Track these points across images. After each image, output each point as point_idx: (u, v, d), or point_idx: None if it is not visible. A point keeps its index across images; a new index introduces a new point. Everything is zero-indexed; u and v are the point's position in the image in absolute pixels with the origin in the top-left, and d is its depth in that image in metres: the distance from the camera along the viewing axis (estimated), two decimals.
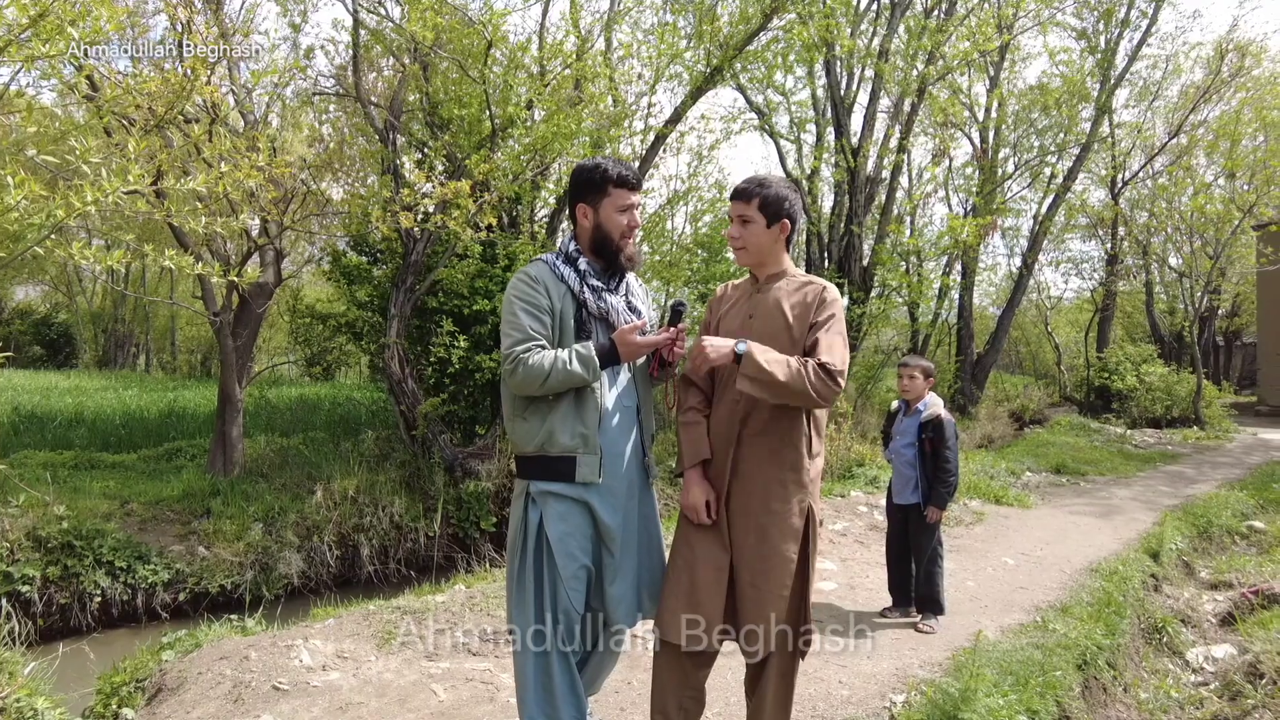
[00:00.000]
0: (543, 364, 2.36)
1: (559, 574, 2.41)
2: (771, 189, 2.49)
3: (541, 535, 2.44)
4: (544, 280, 2.48)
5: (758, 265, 2.59)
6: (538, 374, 2.36)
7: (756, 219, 2.50)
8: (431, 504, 7.81)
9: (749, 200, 2.49)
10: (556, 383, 2.37)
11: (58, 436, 9.98)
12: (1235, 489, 8.78)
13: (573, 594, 2.42)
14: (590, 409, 2.45)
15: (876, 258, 12.32)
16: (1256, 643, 4.19)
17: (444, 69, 8.82)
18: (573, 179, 2.57)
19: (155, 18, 9.16)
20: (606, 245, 2.53)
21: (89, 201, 2.76)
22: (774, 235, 2.52)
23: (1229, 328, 26.38)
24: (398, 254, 8.71)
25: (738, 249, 2.57)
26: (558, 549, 2.42)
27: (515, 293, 2.47)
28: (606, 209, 2.51)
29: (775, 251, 2.55)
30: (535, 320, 2.43)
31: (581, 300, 2.49)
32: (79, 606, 5.98)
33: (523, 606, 2.46)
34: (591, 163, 2.54)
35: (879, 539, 6.19)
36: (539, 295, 2.46)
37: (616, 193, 2.50)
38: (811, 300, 2.49)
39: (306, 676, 3.56)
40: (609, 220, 2.51)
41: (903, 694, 3.46)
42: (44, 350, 24.04)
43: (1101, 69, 15.12)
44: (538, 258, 2.60)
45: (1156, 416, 15.71)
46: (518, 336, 2.41)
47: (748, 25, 8.88)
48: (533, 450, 2.45)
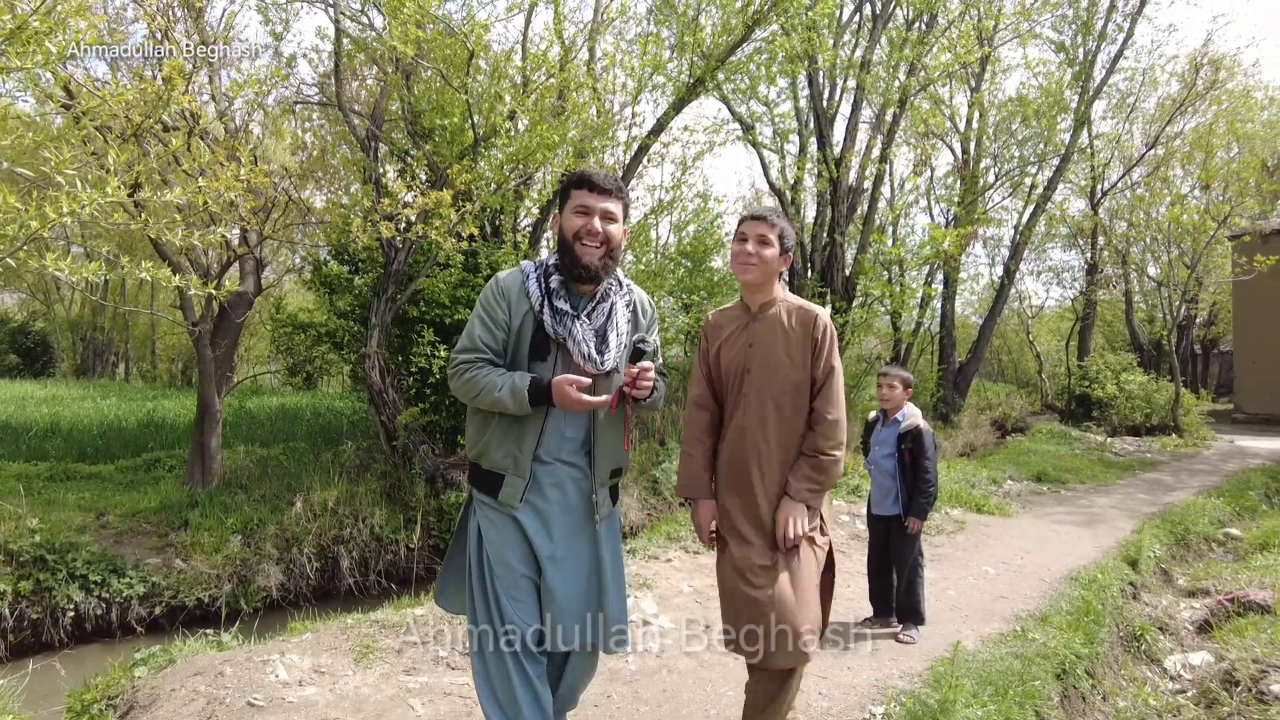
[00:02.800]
0: (475, 382, 2.37)
1: (498, 582, 2.40)
2: (788, 224, 2.73)
3: (480, 540, 2.45)
4: (510, 293, 2.44)
5: (758, 288, 2.73)
6: (469, 389, 2.38)
7: (774, 244, 2.68)
8: (412, 515, 7.75)
9: (772, 226, 2.67)
10: (485, 404, 2.37)
11: (33, 447, 9.82)
12: (1212, 496, 8.87)
13: (514, 604, 2.37)
14: (529, 433, 2.40)
15: (859, 267, 12.39)
16: (1233, 650, 4.23)
17: (427, 78, 8.80)
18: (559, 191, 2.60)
19: (134, 25, 9.07)
20: (568, 251, 2.44)
21: (65, 213, 2.73)
22: (781, 263, 2.72)
23: (1206, 336, 26.72)
24: (379, 263, 8.67)
25: (749, 265, 2.67)
26: (494, 558, 2.42)
27: (481, 298, 2.48)
28: (566, 212, 2.46)
29: (775, 279, 2.75)
30: (488, 332, 2.42)
31: (539, 321, 2.41)
32: (51, 621, 5.87)
33: (474, 608, 2.45)
34: (571, 172, 2.54)
35: (860, 548, 6.20)
36: (498, 308, 2.43)
37: (576, 193, 2.46)
38: (807, 330, 2.67)
39: (282, 692, 3.51)
40: (567, 223, 2.45)
41: (882, 705, 3.46)
42: (20, 359, 23.67)
43: (1079, 81, 15.32)
44: (518, 267, 2.54)
45: (1136, 424, 15.87)
46: (465, 344, 2.43)
47: (730, 36, 8.92)
48: (471, 457, 2.49)
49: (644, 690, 3.64)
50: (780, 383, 2.66)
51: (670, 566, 5.51)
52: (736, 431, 2.70)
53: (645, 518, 8.60)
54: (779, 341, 2.67)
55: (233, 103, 7.73)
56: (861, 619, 4.67)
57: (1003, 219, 18.44)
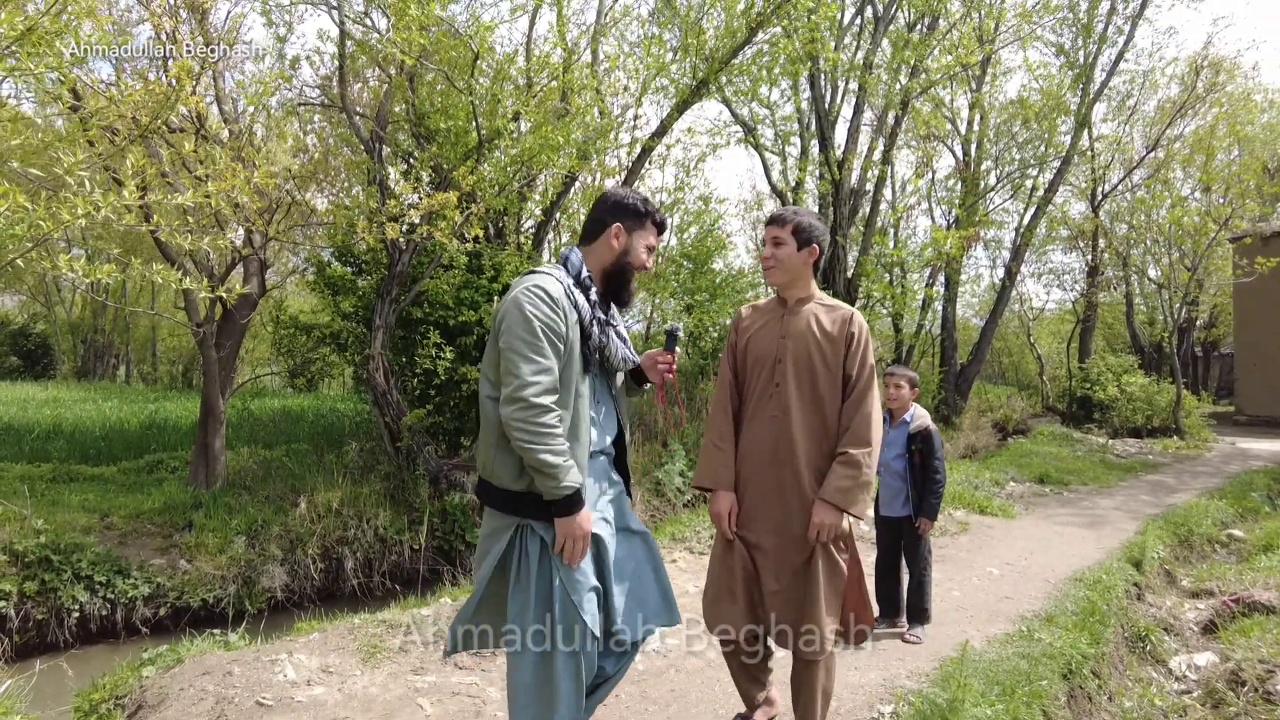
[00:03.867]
0: (554, 436, 2.20)
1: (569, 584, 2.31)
2: (803, 217, 2.76)
3: (548, 560, 2.32)
4: (563, 304, 2.31)
5: (787, 286, 2.81)
6: (541, 438, 2.19)
7: (789, 241, 2.74)
8: (416, 516, 7.75)
9: (783, 225, 2.75)
10: (533, 458, 2.20)
11: (35, 448, 9.82)
12: (1215, 498, 8.87)
13: (592, 621, 2.32)
14: (582, 446, 2.35)
15: (861, 269, 12.40)
16: (1238, 650, 4.23)
17: (430, 80, 8.82)
18: (613, 197, 2.50)
19: (139, 27, 9.10)
20: (623, 276, 2.48)
21: (80, 215, 2.73)
22: (804, 258, 2.76)
23: (1207, 338, 26.74)
24: (383, 265, 8.68)
25: (770, 268, 2.79)
26: (571, 586, 2.31)
27: (537, 312, 2.24)
28: (637, 241, 2.49)
29: (804, 274, 2.79)
30: (555, 354, 2.26)
31: (588, 334, 2.37)
32: (56, 622, 5.88)
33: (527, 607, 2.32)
34: (636, 193, 2.54)
35: (866, 549, 6.20)
36: (560, 322, 2.28)
37: (651, 229, 2.53)
38: (841, 328, 2.72)
39: (291, 692, 3.52)
40: (637, 253, 2.49)
41: (890, 704, 3.46)
42: (21, 361, 23.68)
43: (1080, 83, 15.35)
44: (548, 272, 2.39)
45: (1137, 426, 15.87)
46: (549, 382, 2.23)
47: (733, 39, 8.94)
48: (520, 488, 2.30)
49: (652, 690, 3.65)
50: (812, 375, 2.71)
51: (675, 567, 5.51)
52: (767, 422, 2.73)
53: (649, 519, 8.60)
54: (813, 336, 2.72)
55: (238, 105, 7.76)
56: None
57: (1004, 221, 18.48)
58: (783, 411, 2.70)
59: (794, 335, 2.74)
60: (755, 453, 2.75)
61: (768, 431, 2.73)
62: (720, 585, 2.83)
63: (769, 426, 2.73)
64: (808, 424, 2.69)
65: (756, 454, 2.75)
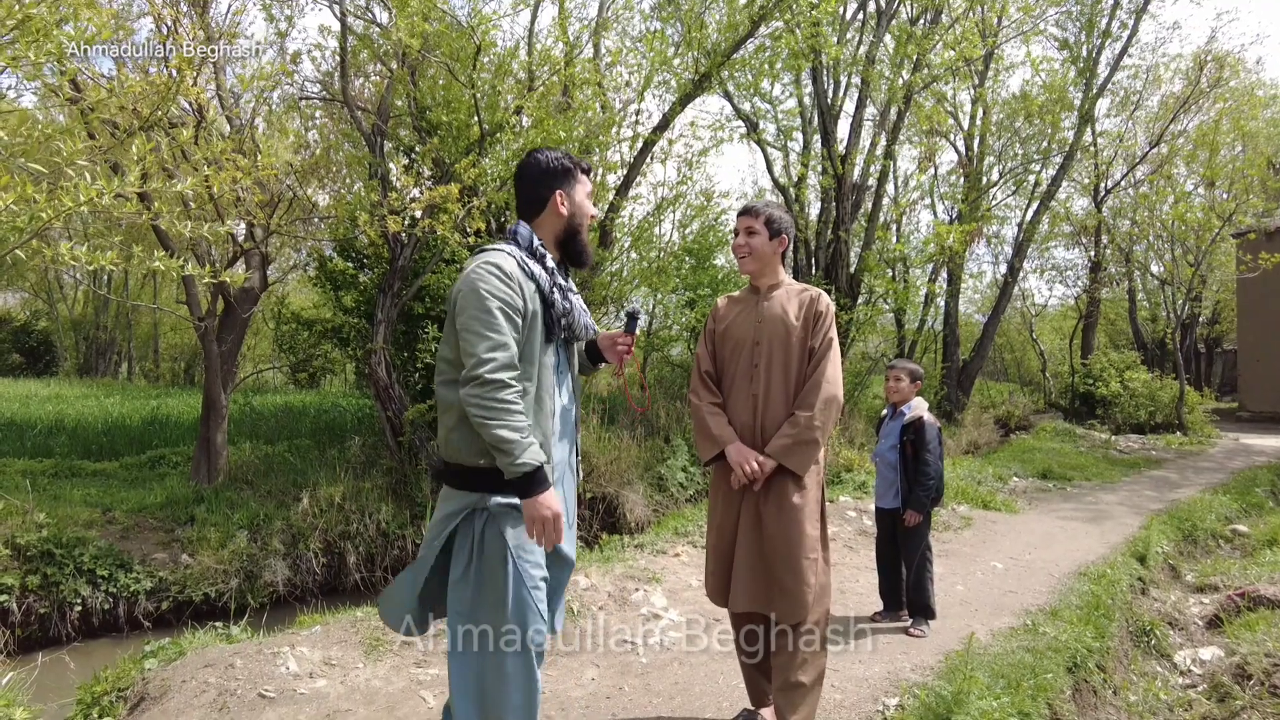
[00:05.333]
0: (513, 413, 2.12)
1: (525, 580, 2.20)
2: (774, 209, 2.97)
3: (500, 548, 2.21)
4: (517, 277, 2.24)
5: (759, 274, 3.00)
6: (499, 414, 2.11)
7: (761, 231, 2.93)
8: (418, 511, 7.74)
9: (756, 216, 2.94)
10: (489, 433, 2.12)
11: (37, 444, 9.82)
12: (1218, 493, 8.85)
13: (539, 602, 2.22)
14: (546, 415, 2.30)
15: (863, 265, 12.37)
16: (1243, 644, 4.22)
17: (431, 74, 8.80)
18: (540, 166, 2.40)
19: (140, 20, 9.07)
20: (578, 235, 2.44)
21: (82, 202, 2.72)
22: (774, 247, 2.96)
23: (1210, 334, 26.69)
24: (384, 259, 8.66)
25: (743, 256, 2.98)
26: (521, 558, 2.21)
27: (489, 287, 2.18)
28: (579, 194, 2.44)
29: (774, 262, 2.99)
30: (510, 324, 2.19)
31: (550, 301, 2.31)
32: (59, 616, 5.88)
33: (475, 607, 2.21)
34: (551, 150, 2.44)
35: (868, 544, 6.19)
36: (516, 295, 2.22)
37: (584, 179, 2.47)
38: (810, 307, 2.92)
39: (293, 684, 3.51)
40: (583, 207, 2.45)
41: (895, 697, 3.45)
42: (23, 358, 23.70)
43: (1083, 78, 15.30)
44: (498, 248, 2.31)
45: (1140, 422, 15.84)
46: (505, 357, 2.15)
47: (735, 33, 8.91)
48: (488, 463, 2.20)
49: (655, 683, 3.63)
50: (787, 354, 2.89)
51: (679, 561, 5.50)
52: (748, 399, 2.91)
53: (651, 514, 8.60)
54: (786, 317, 2.91)
55: (239, 99, 7.73)
56: (872, 613, 4.66)
57: (1006, 217, 18.45)
58: (764, 389, 2.89)
59: (769, 319, 2.93)
60: (737, 429, 2.91)
61: (749, 408, 2.90)
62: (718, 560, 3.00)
63: (750, 404, 2.90)
64: (786, 400, 2.87)
65: (738, 430, 2.90)
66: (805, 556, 2.79)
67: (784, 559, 2.78)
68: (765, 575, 2.82)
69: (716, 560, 2.97)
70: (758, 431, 2.87)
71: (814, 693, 2.88)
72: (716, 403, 2.97)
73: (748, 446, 2.85)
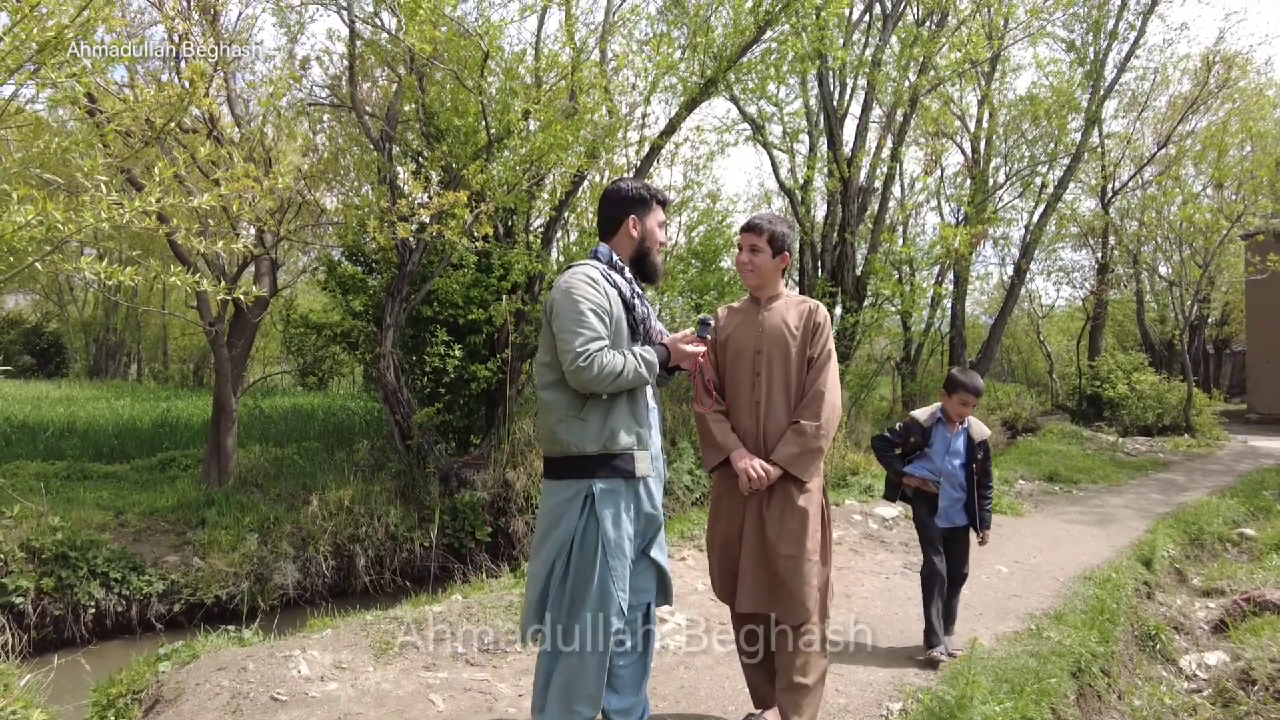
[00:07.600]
0: (617, 363, 2.52)
1: (611, 575, 2.55)
2: (778, 227, 3.02)
3: (595, 541, 2.55)
4: (603, 284, 2.64)
5: (760, 287, 3.08)
6: (611, 372, 2.50)
7: (765, 249, 3.00)
8: (427, 514, 7.80)
9: (760, 234, 3.00)
10: (625, 382, 2.54)
11: (50, 447, 9.92)
12: (1226, 496, 8.83)
13: (622, 594, 2.57)
14: (642, 408, 2.69)
15: (869, 267, 12.38)
16: (1249, 649, 4.23)
17: (440, 79, 8.85)
18: (620, 193, 2.81)
19: (151, 29, 9.16)
20: (648, 256, 2.82)
21: (103, 219, 2.79)
22: (777, 264, 3.04)
23: (1218, 336, 26.53)
24: (393, 264, 8.72)
25: (748, 272, 3.06)
26: (613, 552, 2.55)
27: (579, 293, 2.57)
28: (651, 222, 2.82)
29: (776, 277, 3.08)
30: (601, 322, 2.57)
31: (631, 306, 2.69)
32: (73, 618, 5.96)
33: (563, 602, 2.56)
34: (636, 181, 2.87)
35: (873, 548, 6.23)
36: (603, 298, 2.60)
37: (658, 209, 2.86)
38: (809, 318, 3.02)
39: (305, 687, 3.56)
40: (653, 233, 2.83)
41: (899, 702, 3.48)
42: (34, 360, 23.89)
43: (1090, 80, 15.26)
44: (585, 262, 2.73)
45: (1148, 424, 15.78)
46: (589, 335, 2.53)
47: (741, 37, 8.93)
48: (595, 449, 2.57)
49: (661, 687, 3.67)
50: (786, 362, 2.99)
51: (684, 565, 5.54)
52: (750, 407, 3.00)
53: None
54: (786, 327, 3.00)
55: (250, 106, 7.81)
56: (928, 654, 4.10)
57: (1013, 218, 18.34)
58: (765, 397, 2.98)
59: (770, 329, 3.02)
60: (739, 435, 3.00)
61: (751, 415, 2.99)
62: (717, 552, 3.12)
63: (753, 411, 2.99)
64: (787, 407, 2.97)
65: (740, 436, 2.99)
66: (806, 559, 2.86)
67: (785, 560, 2.85)
68: (768, 577, 2.89)
69: (722, 563, 3.06)
70: (760, 437, 2.97)
71: (816, 693, 2.93)
72: (720, 410, 3.06)
73: (750, 448, 2.95)
